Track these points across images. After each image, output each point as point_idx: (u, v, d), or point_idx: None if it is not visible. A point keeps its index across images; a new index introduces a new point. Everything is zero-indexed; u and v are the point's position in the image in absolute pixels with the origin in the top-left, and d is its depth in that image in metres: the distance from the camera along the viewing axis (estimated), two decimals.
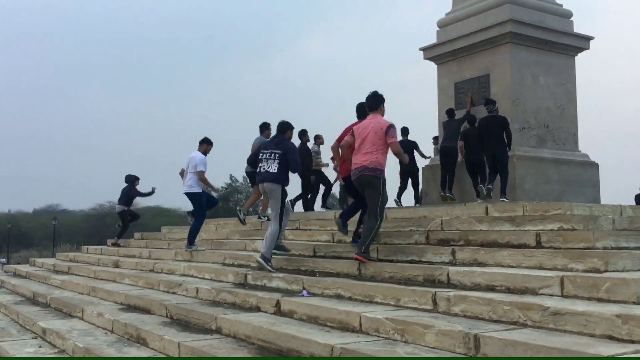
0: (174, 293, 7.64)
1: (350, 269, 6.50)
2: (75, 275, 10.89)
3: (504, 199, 10.21)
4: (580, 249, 5.32)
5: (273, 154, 7.53)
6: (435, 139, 14.28)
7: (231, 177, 73.83)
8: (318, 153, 13.63)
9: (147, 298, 7.12)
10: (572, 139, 12.79)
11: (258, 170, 7.71)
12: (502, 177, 10.98)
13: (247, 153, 9.79)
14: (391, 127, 6.57)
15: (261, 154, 7.67)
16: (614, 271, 4.71)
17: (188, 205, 10.42)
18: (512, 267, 5.38)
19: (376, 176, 6.48)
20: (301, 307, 5.44)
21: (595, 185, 12.73)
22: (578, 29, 12.89)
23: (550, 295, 4.51)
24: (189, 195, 9.94)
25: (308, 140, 12.94)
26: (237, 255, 8.55)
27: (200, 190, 9.98)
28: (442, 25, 13.66)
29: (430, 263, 6.12)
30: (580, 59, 13.06)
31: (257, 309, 5.95)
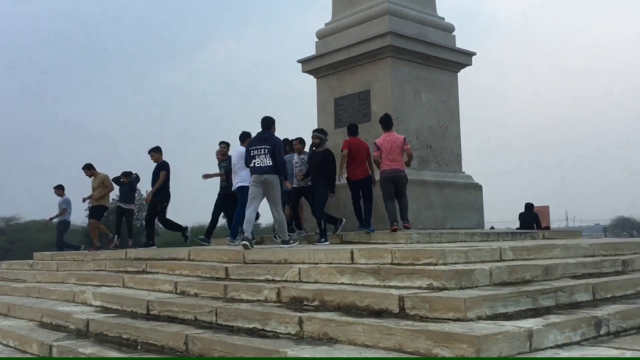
0: None
1: (177, 342, 5.14)
2: None
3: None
4: (448, 320, 4.27)
5: (263, 149, 8.07)
6: None
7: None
8: None
9: None
10: (455, 159, 12.12)
11: (252, 166, 8.15)
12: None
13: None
14: (406, 138, 9.63)
15: (252, 151, 8.18)
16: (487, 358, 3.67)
17: None
18: (366, 347, 4.24)
19: (405, 175, 9.59)
20: None
21: (479, 208, 12.12)
22: (463, 44, 12.31)
23: None
24: (245, 189, 9.15)
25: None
26: (58, 313, 6.93)
27: None
28: (322, 36, 12.63)
29: (274, 335, 4.88)
30: (463, 75, 12.46)
31: None
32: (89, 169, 12.89)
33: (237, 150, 10.63)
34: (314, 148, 9.85)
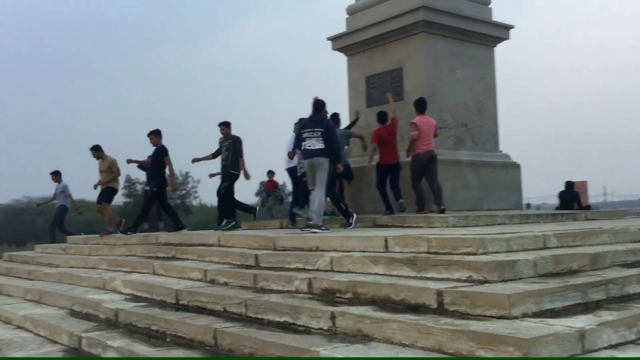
0: None
1: (205, 335, 4.97)
2: None
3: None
4: (491, 317, 3.98)
5: (315, 132, 8.05)
6: None
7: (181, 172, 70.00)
8: None
9: None
10: (492, 138, 11.68)
11: (303, 149, 8.17)
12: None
13: (192, 143, 10.96)
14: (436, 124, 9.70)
15: (303, 134, 8.17)
16: None
17: None
18: (403, 346, 3.99)
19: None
20: None
21: (517, 188, 11.69)
22: (499, 17, 11.78)
23: None
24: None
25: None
26: (88, 302, 6.85)
27: None
28: (352, 12, 12.24)
29: (306, 330, 4.67)
30: (500, 49, 11.92)
31: None
32: (97, 150, 12.24)
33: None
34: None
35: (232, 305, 5.49)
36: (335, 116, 10.86)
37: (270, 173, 17.38)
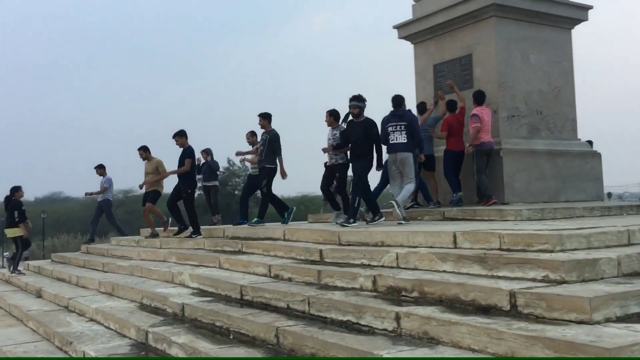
0: (65, 352, 6.08)
1: (267, 334, 4.89)
2: None
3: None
4: (570, 322, 3.67)
5: (399, 126, 8.31)
6: None
7: (229, 160, 71.69)
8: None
9: None
10: (569, 125, 11.05)
11: (389, 143, 8.37)
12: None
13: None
14: None
15: (388, 128, 8.41)
16: None
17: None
18: (473, 351, 3.74)
19: None
20: None
21: (597, 178, 11.02)
22: None
23: None
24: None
25: None
26: (156, 295, 6.94)
27: None
28: None
29: (370, 330, 4.49)
30: (577, 32, 11.23)
31: None
32: (144, 151, 11.91)
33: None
34: (353, 119, 8.75)
35: (295, 302, 5.39)
36: (423, 105, 10.54)
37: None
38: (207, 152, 13.01)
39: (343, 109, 9.35)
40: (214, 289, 6.74)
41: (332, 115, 9.64)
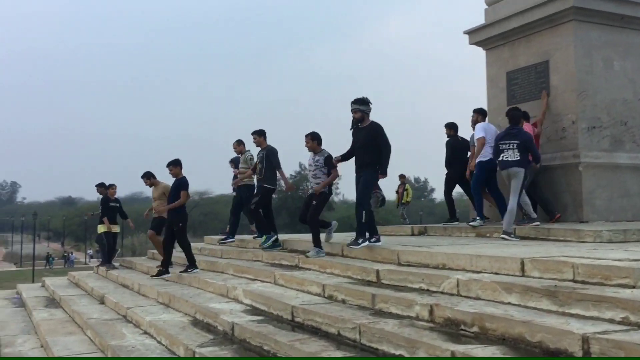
0: None
1: None
2: None
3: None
4: None
5: (511, 144, 8.23)
6: None
7: (300, 164, 72.25)
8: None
9: None
10: None
11: (500, 160, 8.34)
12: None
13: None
14: None
15: (500, 145, 8.36)
16: None
17: None
18: None
19: None
20: None
21: None
22: None
23: None
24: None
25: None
26: (209, 311, 6.78)
27: None
28: (491, 2, 11.27)
29: None
30: None
31: None
32: (148, 177, 11.42)
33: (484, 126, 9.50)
34: (358, 124, 7.80)
35: (346, 330, 5.06)
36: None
37: None
38: (233, 162, 12.30)
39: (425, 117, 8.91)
40: (266, 307, 6.51)
41: (315, 138, 8.61)
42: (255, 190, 10.30)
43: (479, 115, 9.88)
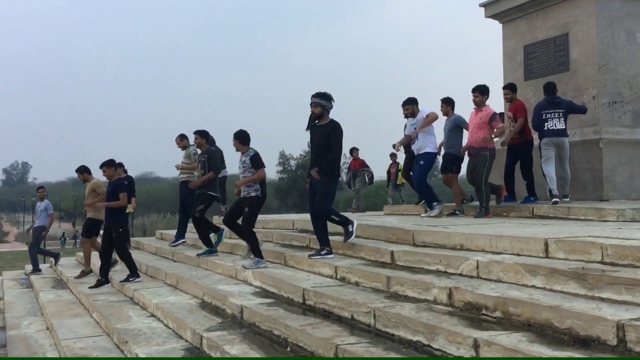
0: (121, 351, 5.83)
1: (326, 351, 4.35)
2: None
3: None
4: None
5: (557, 113, 8.34)
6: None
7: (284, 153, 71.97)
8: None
9: None
10: None
11: (545, 129, 8.36)
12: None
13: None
14: None
15: (543, 115, 8.40)
16: None
17: None
18: None
19: None
20: None
21: None
22: None
23: None
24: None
25: None
26: (217, 294, 6.57)
27: None
28: None
29: (443, 355, 3.86)
30: None
31: None
32: (81, 172, 10.37)
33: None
34: (316, 122, 6.89)
35: (360, 314, 4.82)
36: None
37: (354, 150, 15.06)
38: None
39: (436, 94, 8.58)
40: (277, 289, 6.29)
41: (238, 137, 7.68)
42: (197, 197, 9.25)
43: (448, 106, 9.01)
